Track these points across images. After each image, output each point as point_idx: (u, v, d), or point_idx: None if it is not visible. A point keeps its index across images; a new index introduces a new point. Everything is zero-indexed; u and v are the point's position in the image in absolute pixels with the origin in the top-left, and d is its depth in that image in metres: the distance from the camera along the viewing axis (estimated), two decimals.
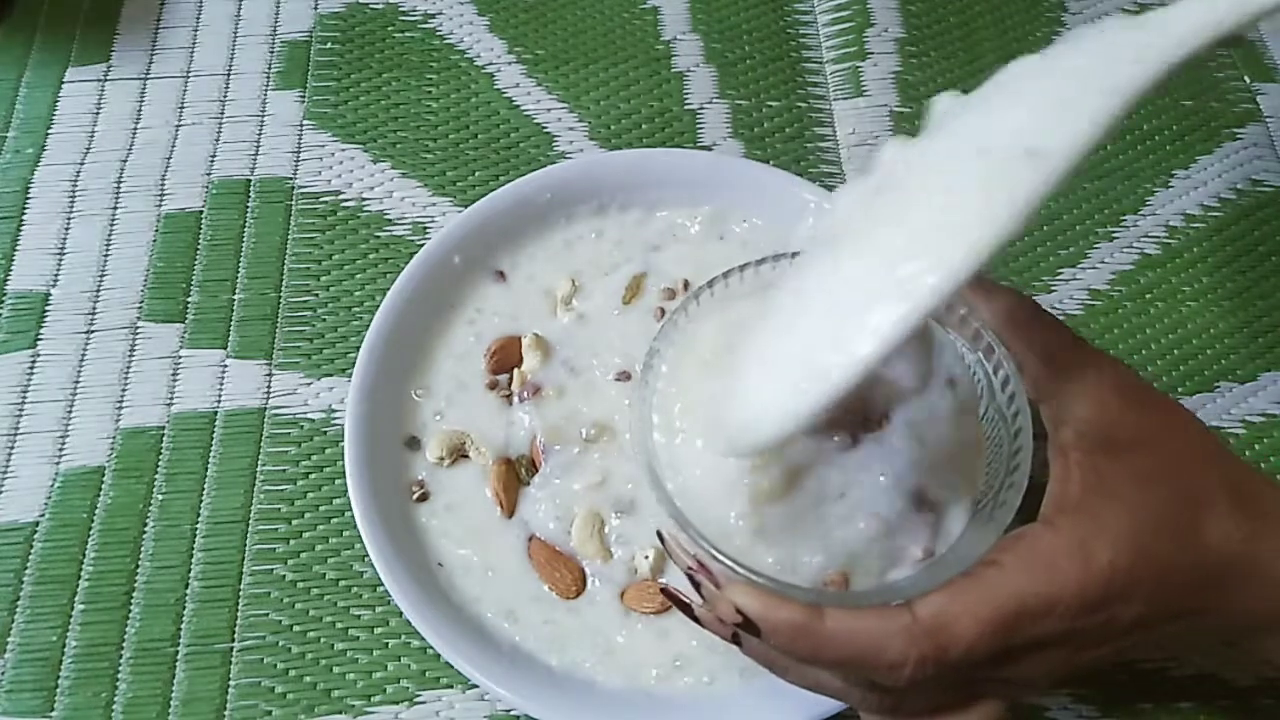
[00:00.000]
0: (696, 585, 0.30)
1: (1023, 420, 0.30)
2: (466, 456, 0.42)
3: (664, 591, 0.32)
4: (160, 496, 0.44)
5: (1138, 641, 0.29)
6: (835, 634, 0.28)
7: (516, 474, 0.42)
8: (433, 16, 0.57)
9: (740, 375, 0.28)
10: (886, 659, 0.27)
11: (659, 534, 0.32)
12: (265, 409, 0.46)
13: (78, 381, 0.46)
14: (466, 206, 0.45)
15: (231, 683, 0.40)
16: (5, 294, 0.48)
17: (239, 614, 0.41)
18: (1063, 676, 0.29)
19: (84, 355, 0.47)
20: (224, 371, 0.46)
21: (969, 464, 0.31)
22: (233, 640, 0.41)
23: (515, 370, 0.43)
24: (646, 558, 0.39)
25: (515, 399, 0.43)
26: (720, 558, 0.29)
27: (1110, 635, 0.28)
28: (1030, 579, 0.27)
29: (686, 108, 0.54)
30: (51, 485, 0.44)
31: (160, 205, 0.51)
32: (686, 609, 0.31)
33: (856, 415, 0.31)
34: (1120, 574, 0.27)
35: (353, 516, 0.39)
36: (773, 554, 0.30)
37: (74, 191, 0.51)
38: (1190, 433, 0.30)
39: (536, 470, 0.42)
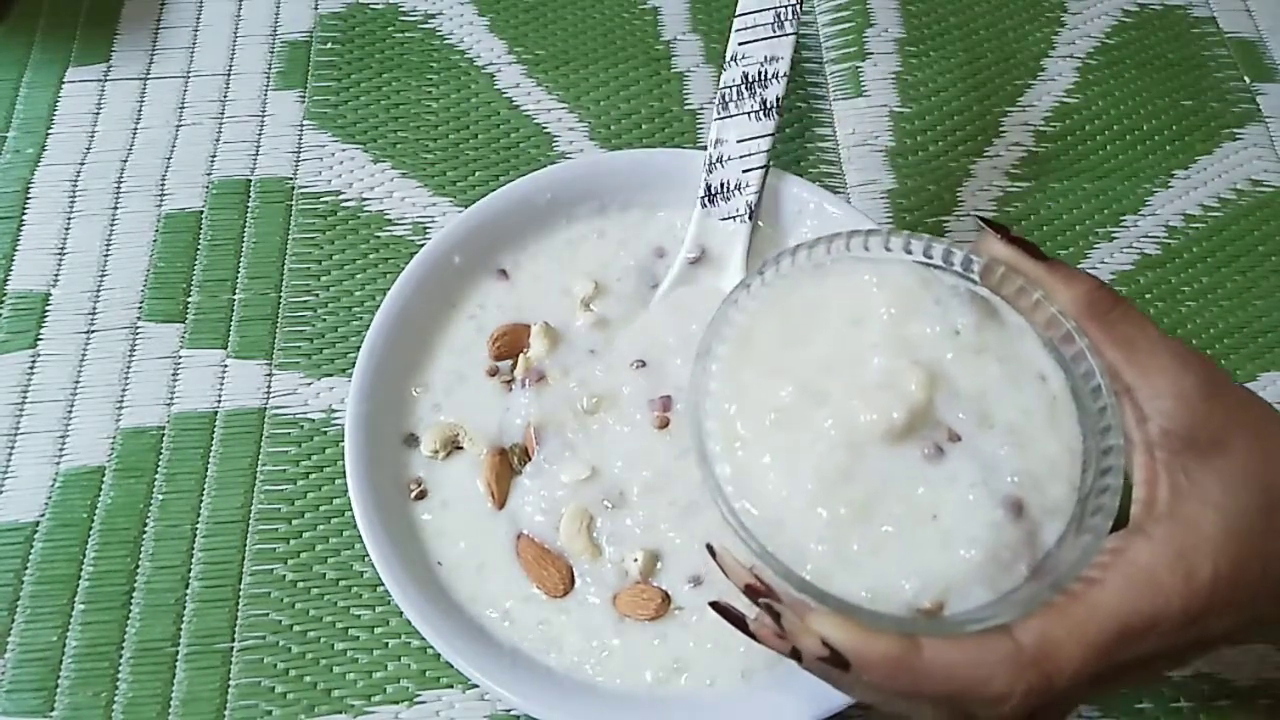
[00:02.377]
0: (773, 612, 0.28)
1: (1111, 417, 0.28)
2: (461, 448, 0.42)
3: (714, 606, 0.29)
4: (160, 496, 0.44)
5: (1215, 650, 0.28)
6: (934, 666, 0.26)
7: (509, 463, 0.42)
8: (433, 17, 0.57)
9: None
10: (991, 691, 0.26)
11: (709, 548, 0.30)
12: (265, 409, 0.46)
13: (78, 381, 0.46)
14: (467, 206, 0.45)
15: (232, 683, 0.40)
16: (5, 294, 0.48)
17: (239, 614, 0.41)
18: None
19: (84, 355, 0.47)
20: (224, 371, 0.46)
21: (1066, 466, 0.29)
22: (233, 640, 0.41)
23: (521, 356, 0.44)
24: (635, 560, 0.39)
25: (517, 384, 0.43)
26: (806, 587, 0.27)
27: (1199, 648, 0.28)
28: (1134, 597, 0.26)
29: (686, 108, 0.54)
30: (51, 485, 0.44)
31: (160, 205, 0.51)
32: (740, 623, 0.29)
33: (937, 423, 0.29)
34: (1220, 588, 0.26)
35: (353, 516, 0.39)
36: (860, 582, 0.28)
37: (74, 191, 0.51)
38: (1270, 421, 0.29)
39: (529, 459, 0.42)
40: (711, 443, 0.30)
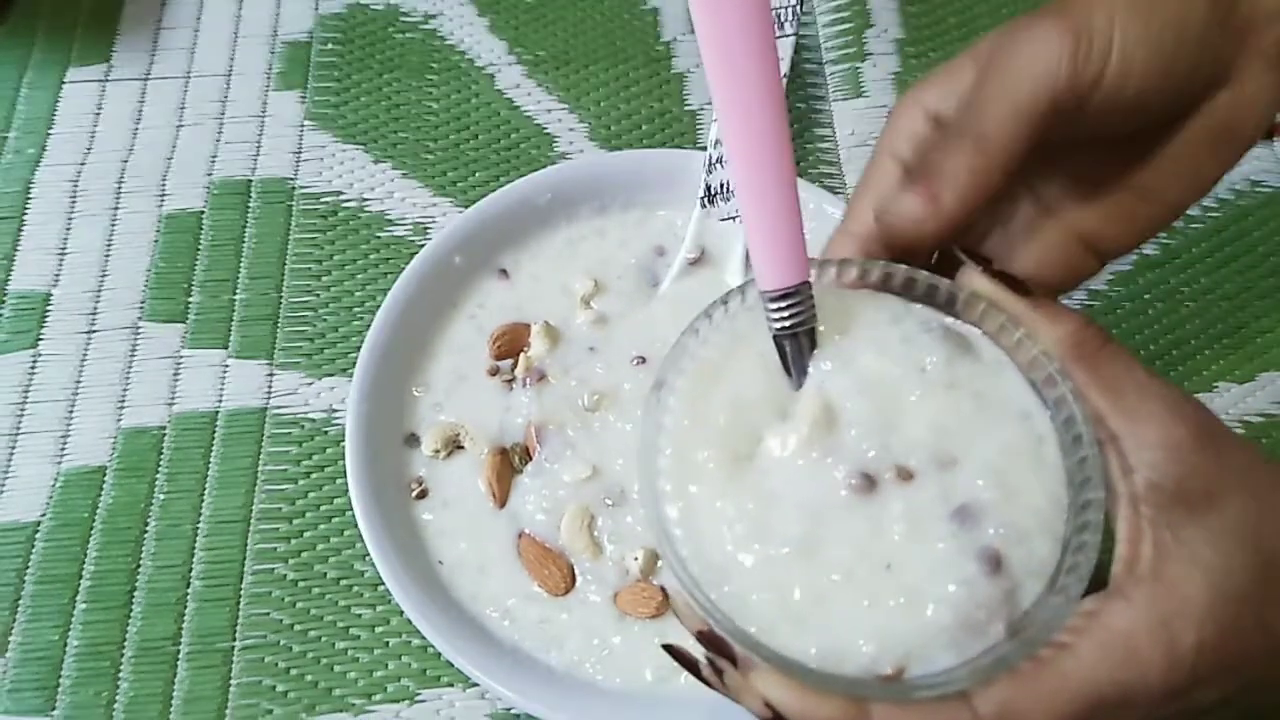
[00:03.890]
0: (714, 668, 0.27)
1: (1091, 468, 0.26)
2: (462, 448, 0.42)
3: (667, 649, 0.29)
4: (161, 496, 0.44)
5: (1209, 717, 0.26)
6: None
7: (510, 462, 0.42)
8: (433, 17, 0.57)
9: None
10: None
11: (663, 590, 0.29)
12: (266, 409, 0.46)
13: (79, 381, 0.46)
14: (467, 207, 0.46)
15: (233, 682, 0.40)
16: (6, 294, 0.48)
17: (240, 613, 0.41)
18: None
19: (85, 355, 0.47)
20: (225, 371, 0.46)
21: (1052, 517, 0.27)
22: (234, 639, 0.41)
23: (521, 355, 0.44)
24: (636, 559, 0.39)
25: (517, 384, 0.43)
26: (749, 642, 0.26)
27: (1183, 717, 0.26)
28: (1108, 666, 0.24)
29: (686, 108, 0.54)
30: (53, 485, 0.44)
31: (161, 205, 0.51)
32: (693, 669, 0.28)
33: (866, 456, 0.27)
34: (1205, 659, 0.24)
35: (354, 516, 0.39)
36: (811, 639, 0.26)
37: (75, 192, 0.51)
38: (1267, 477, 0.27)
39: (530, 458, 0.42)
40: (662, 481, 0.28)
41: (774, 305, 0.28)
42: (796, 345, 0.28)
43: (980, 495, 0.26)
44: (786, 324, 0.28)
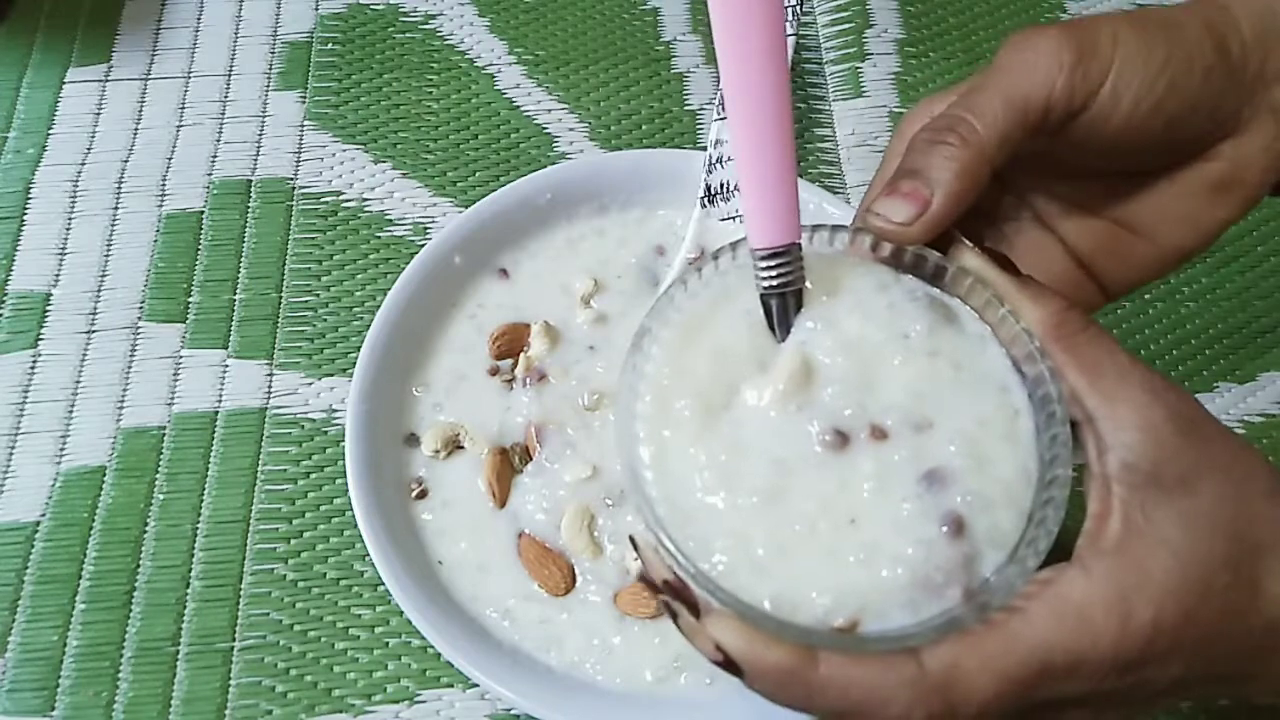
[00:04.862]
0: (670, 610, 0.27)
1: (1060, 446, 0.26)
2: (462, 448, 0.42)
3: (640, 579, 0.29)
4: (161, 496, 0.44)
5: (1170, 703, 0.26)
6: (829, 682, 0.25)
7: (510, 462, 0.42)
8: (433, 17, 0.57)
9: None
10: (888, 714, 0.25)
11: (631, 540, 0.29)
12: (266, 409, 0.46)
13: (79, 381, 0.46)
14: (467, 207, 0.46)
15: (232, 682, 0.40)
16: (6, 294, 0.48)
17: (240, 613, 0.41)
18: None
19: (85, 355, 0.47)
20: (225, 371, 0.46)
21: (1020, 489, 0.27)
22: (233, 639, 0.41)
23: (521, 354, 0.44)
24: (636, 559, 0.39)
25: (518, 383, 0.43)
26: (703, 582, 0.26)
27: (1140, 698, 0.26)
28: (1059, 632, 0.24)
29: (686, 108, 0.54)
30: (52, 485, 0.44)
31: (161, 205, 0.51)
32: (672, 613, 0.28)
33: (841, 413, 0.27)
34: (1162, 636, 0.24)
35: (353, 516, 0.39)
36: (768, 586, 0.26)
37: (75, 192, 0.51)
38: (1251, 468, 0.26)
39: (530, 458, 0.42)
40: (638, 424, 0.28)
41: (763, 264, 0.28)
42: (783, 304, 0.29)
43: (951, 461, 0.27)
44: (774, 283, 0.28)
